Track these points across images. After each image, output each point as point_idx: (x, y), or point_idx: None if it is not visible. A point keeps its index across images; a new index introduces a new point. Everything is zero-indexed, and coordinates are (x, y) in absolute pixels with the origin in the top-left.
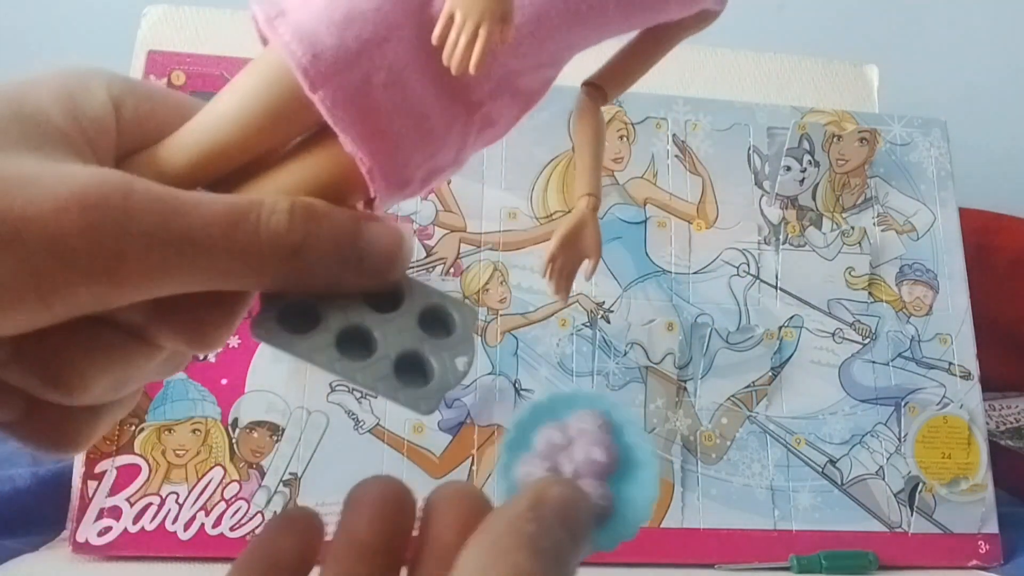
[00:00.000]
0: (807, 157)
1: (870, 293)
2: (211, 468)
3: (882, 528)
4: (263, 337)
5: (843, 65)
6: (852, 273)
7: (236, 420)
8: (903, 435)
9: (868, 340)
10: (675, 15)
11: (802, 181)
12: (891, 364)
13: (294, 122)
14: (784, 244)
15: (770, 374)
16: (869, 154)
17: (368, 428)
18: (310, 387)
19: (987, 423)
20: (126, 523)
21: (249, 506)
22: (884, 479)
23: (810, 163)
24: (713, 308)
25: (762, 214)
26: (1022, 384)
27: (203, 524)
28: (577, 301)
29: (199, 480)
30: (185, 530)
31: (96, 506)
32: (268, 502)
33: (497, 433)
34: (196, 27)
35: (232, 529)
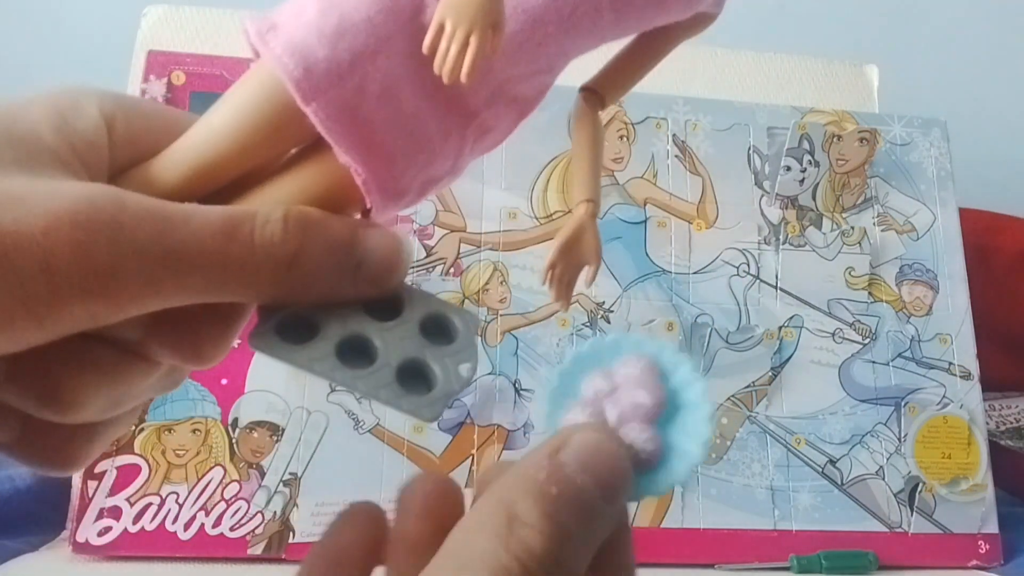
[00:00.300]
0: (807, 157)
1: (870, 293)
2: (211, 468)
3: (882, 528)
4: (261, 348)
5: (843, 65)
6: (852, 273)
7: (236, 420)
8: (903, 435)
9: (868, 340)
10: (671, 18)
11: (802, 181)
12: (891, 364)
13: (287, 135)
14: (784, 244)
15: (770, 374)
16: (869, 154)
17: (368, 428)
18: (310, 387)
19: (987, 423)
20: (126, 523)
21: (249, 506)
22: (884, 479)
23: (810, 163)
24: (713, 308)
25: (762, 214)
26: (1022, 384)
27: (203, 524)
28: (577, 301)
29: (199, 480)
30: (185, 530)
31: (96, 506)
32: (268, 502)
33: (497, 433)
34: (196, 27)
35: (232, 529)
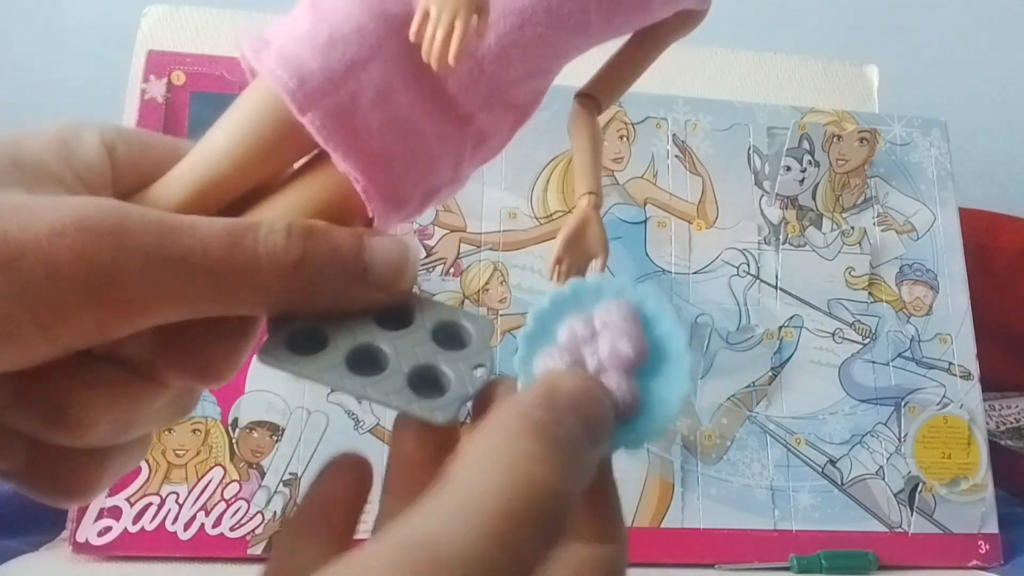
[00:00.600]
0: (807, 157)
1: (870, 293)
2: (211, 468)
3: (882, 528)
4: (271, 362)
5: (843, 65)
6: (852, 273)
7: (236, 420)
8: (903, 435)
9: (868, 340)
10: (657, 16)
11: (802, 181)
12: (891, 364)
13: (286, 150)
14: (784, 244)
15: (770, 374)
16: (869, 154)
17: (368, 428)
18: (310, 387)
19: (987, 423)
20: (126, 523)
21: (249, 506)
22: (884, 479)
23: (810, 163)
24: (713, 308)
25: (762, 214)
26: (1022, 384)
27: (203, 524)
28: None
29: (199, 480)
30: (185, 530)
31: (96, 506)
32: (268, 502)
33: None
34: (196, 27)
35: (232, 529)
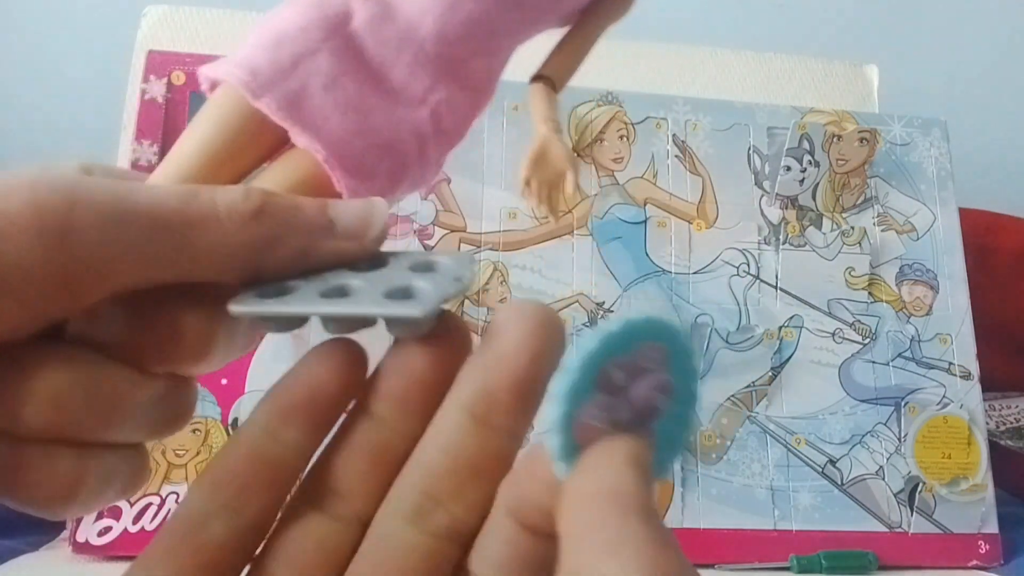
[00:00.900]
0: (807, 157)
1: (870, 293)
2: None
3: (882, 528)
4: (240, 311)
5: (843, 65)
6: (852, 273)
7: (236, 420)
8: (903, 435)
9: (868, 340)
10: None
11: (802, 181)
12: (891, 364)
13: (252, 142)
14: (784, 244)
15: (770, 374)
16: (869, 154)
17: None
18: None
19: (987, 423)
20: (126, 523)
21: None
22: (884, 479)
23: (810, 163)
24: (713, 308)
25: (762, 214)
26: (1022, 384)
27: None
28: (577, 301)
29: None
30: None
31: None
32: None
33: None
34: (196, 27)
35: None
